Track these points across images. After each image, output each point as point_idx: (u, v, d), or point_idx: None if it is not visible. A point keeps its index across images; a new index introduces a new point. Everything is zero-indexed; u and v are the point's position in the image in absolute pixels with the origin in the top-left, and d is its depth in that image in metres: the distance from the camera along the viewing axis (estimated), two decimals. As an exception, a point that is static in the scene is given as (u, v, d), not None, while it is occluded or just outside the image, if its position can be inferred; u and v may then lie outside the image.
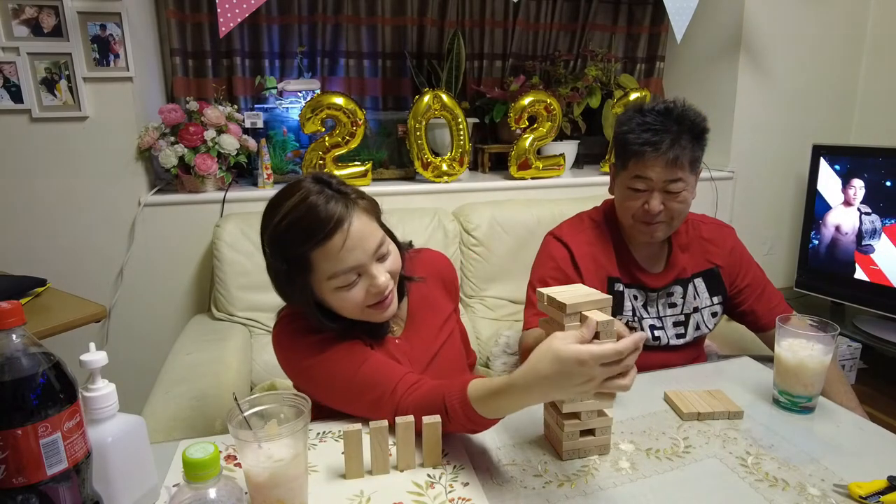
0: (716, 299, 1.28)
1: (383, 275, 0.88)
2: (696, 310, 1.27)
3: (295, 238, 0.84)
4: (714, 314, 1.29)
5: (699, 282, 1.28)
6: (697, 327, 1.27)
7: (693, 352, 1.31)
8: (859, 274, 2.05)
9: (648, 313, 1.25)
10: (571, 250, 1.24)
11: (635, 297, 1.25)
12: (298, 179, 0.89)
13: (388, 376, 0.87)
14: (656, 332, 1.25)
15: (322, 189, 0.85)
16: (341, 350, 0.90)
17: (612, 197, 1.29)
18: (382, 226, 0.93)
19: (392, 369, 0.89)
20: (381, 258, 0.89)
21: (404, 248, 1.00)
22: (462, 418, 0.78)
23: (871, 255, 2.01)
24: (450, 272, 1.14)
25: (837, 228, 2.09)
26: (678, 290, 1.26)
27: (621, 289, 1.24)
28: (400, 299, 0.98)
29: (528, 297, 1.28)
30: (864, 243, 2.02)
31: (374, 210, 0.91)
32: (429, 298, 1.06)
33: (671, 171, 1.13)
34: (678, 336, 1.26)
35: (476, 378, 0.80)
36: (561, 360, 0.67)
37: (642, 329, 1.24)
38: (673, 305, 1.26)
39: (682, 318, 1.27)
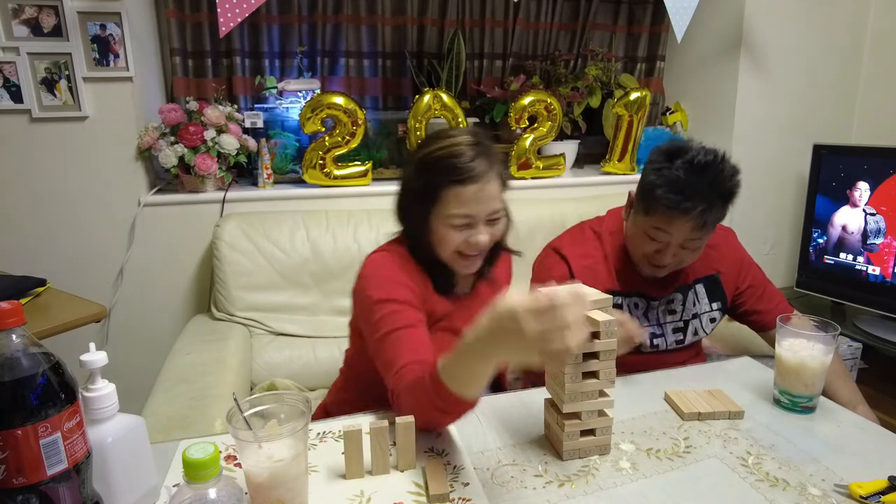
0: (715, 305, 1.28)
1: (485, 235, 0.99)
2: (695, 316, 1.27)
3: (438, 170, 0.97)
4: (712, 320, 1.29)
5: (700, 287, 1.27)
6: (695, 332, 1.28)
7: (690, 352, 1.31)
8: (862, 273, 2.05)
9: (649, 321, 1.25)
10: (570, 264, 1.23)
11: (636, 306, 1.24)
12: (465, 130, 1.03)
13: (405, 352, 0.90)
14: (656, 340, 1.24)
15: (478, 142, 0.98)
16: (400, 306, 0.96)
17: (617, 207, 1.29)
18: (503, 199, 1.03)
19: (413, 349, 0.91)
20: (492, 222, 1.00)
21: (511, 226, 1.11)
22: (433, 395, 0.76)
23: (875, 254, 2.01)
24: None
25: (844, 228, 2.09)
26: (678, 297, 1.26)
27: (620, 301, 1.23)
28: (490, 264, 1.11)
29: None
30: (868, 242, 2.02)
31: (505, 180, 1.03)
32: (495, 291, 1.12)
33: (696, 232, 1.10)
34: (678, 342, 1.26)
35: None
36: (496, 314, 0.66)
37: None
38: (672, 312, 1.26)
39: (681, 324, 1.26)
